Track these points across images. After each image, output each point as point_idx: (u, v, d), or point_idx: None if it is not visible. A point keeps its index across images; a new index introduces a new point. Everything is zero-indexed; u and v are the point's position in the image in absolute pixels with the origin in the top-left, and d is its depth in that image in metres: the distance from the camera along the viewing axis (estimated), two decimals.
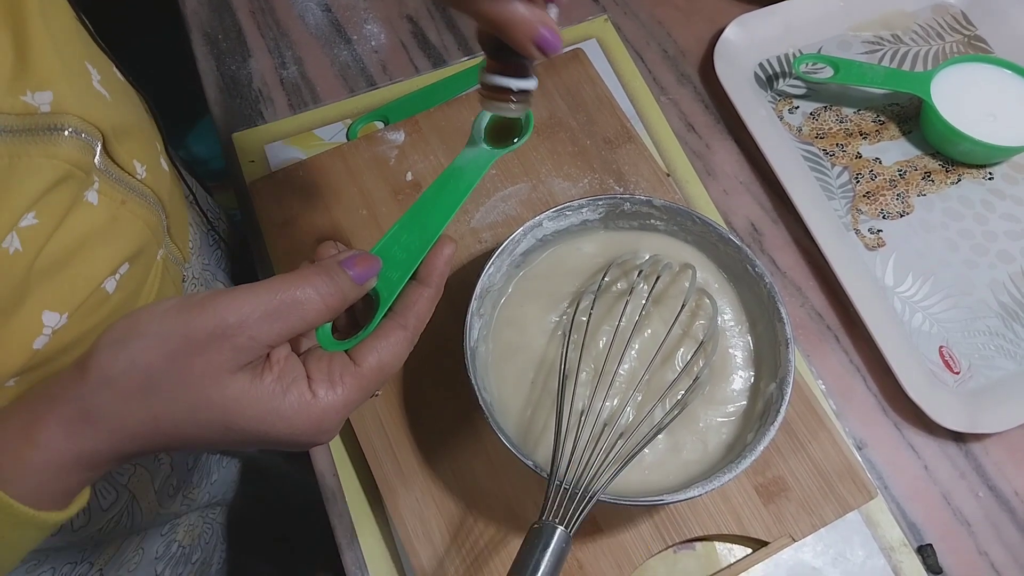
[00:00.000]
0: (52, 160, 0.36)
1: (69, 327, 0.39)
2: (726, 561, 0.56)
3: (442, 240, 0.41)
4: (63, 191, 0.38)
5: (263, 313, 0.33)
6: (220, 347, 0.33)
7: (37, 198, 0.36)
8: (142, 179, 0.46)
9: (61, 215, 0.38)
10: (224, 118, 0.74)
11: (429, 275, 0.40)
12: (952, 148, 0.70)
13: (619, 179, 0.68)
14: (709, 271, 0.58)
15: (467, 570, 0.55)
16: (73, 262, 0.39)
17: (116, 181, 0.43)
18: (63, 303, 0.39)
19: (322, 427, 0.36)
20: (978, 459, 0.60)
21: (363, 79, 0.75)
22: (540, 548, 0.41)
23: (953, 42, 0.77)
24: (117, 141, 0.43)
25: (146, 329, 0.33)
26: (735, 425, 0.54)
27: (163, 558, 0.64)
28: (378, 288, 0.39)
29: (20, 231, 0.35)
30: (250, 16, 0.79)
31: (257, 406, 0.34)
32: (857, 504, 0.57)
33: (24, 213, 0.35)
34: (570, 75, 0.72)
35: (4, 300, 0.35)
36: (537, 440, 0.53)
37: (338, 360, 0.37)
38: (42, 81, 0.36)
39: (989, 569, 0.57)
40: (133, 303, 0.46)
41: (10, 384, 0.38)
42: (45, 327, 0.38)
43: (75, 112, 0.38)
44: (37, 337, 0.37)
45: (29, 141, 0.35)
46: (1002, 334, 0.64)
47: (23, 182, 0.35)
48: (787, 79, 0.75)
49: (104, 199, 0.41)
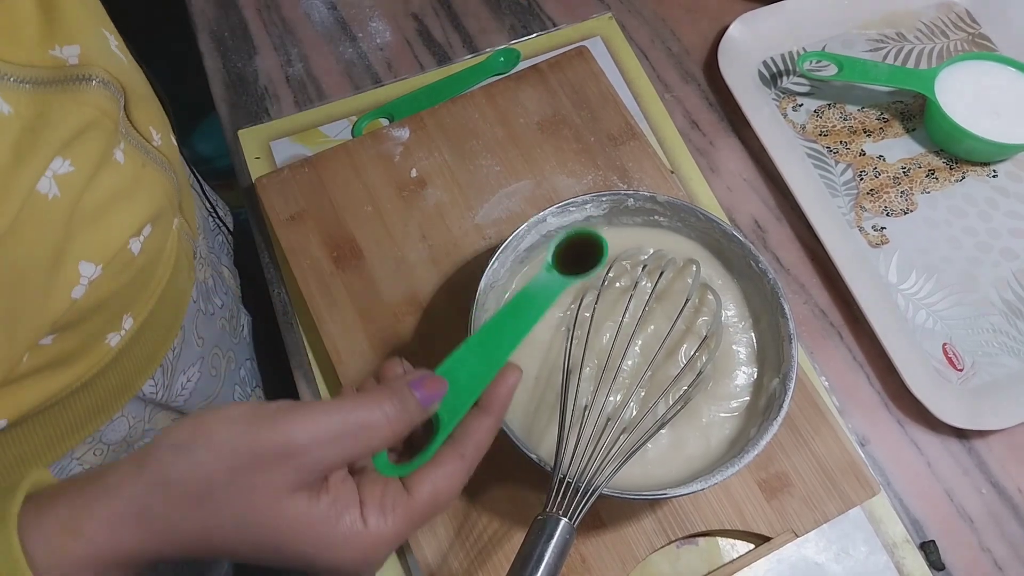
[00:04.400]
0: (82, 106, 0.38)
1: (102, 282, 0.40)
2: (729, 556, 0.57)
3: (509, 368, 0.40)
4: (93, 138, 0.39)
5: (333, 435, 0.33)
6: (285, 467, 0.32)
7: (69, 140, 0.37)
8: (158, 146, 0.47)
9: (94, 164, 0.39)
10: (230, 115, 0.74)
11: (492, 404, 0.39)
12: (956, 146, 0.70)
13: (623, 176, 0.68)
14: (712, 267, 0.58)
15: (471, 563, 0.55)
16: (105, 216, 0.40)
17: (136, 146, 0.45)
18: (98, 254, 0.40)
19: (368, 558, 0.35)
20: (981, 456, 0.60)
21: (368, 76, 0.76)
22: (544, 539, 0.41)
23: (957, 40, 0.77)
24: (134, 105, 0.44)
25: (212, 437, 0.33)
26: (738, 421, 0.54)
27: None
28: (440, 412, 0.38)
29: (58, 178, 0.36)
30: (256, 14, 0.79)
31: (310, 531, 0.33)
32: (860, 500, 0.57)
33: (56, 155, 0.36)
34: (574, 72, 0.72)
35: (49, 247, 0.37)
36: (541, 435, 0.53)
37: (392, 487, 0.36)
38: (69, 35, 0.38)
39: (992, 565, 0.57)
40: (154, 269, 0.47)
41: (47, 342, 0.39)
42: (82, 277, 0.39)
43: (101, 65, 0.40)
44: (75, 287, 0.39)
45: (59, 91, 0.37)
46: (1006, 331, 0.64)
47: (55, 126, 0.36)
48: (791, 77, 0.75)
49: (128, 159, 0.43)
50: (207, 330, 0.60)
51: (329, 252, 0.64)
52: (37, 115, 0.35)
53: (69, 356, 0.42)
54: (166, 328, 0.53)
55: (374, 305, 0.63)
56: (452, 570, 0.55)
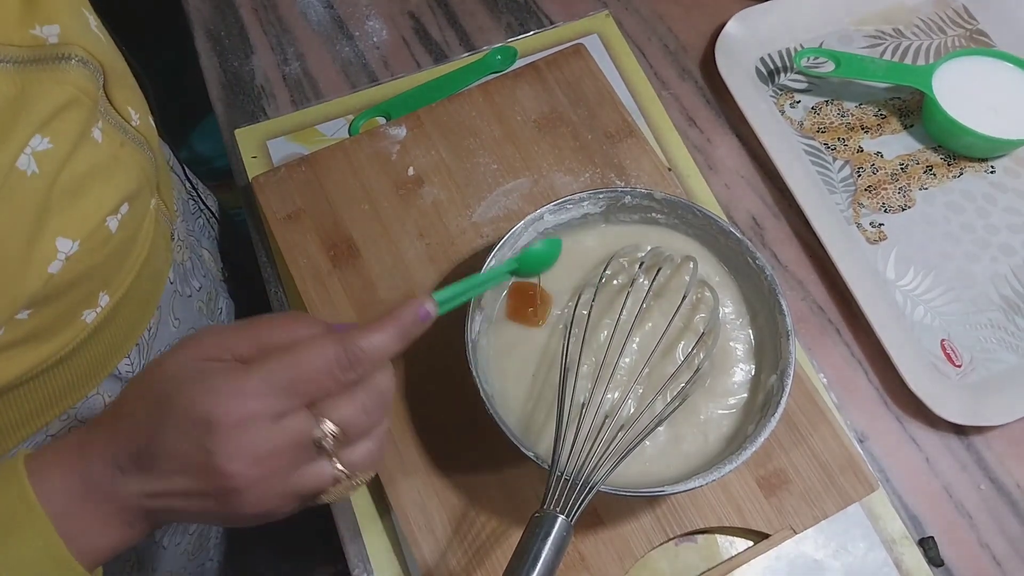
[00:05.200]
0: (61, 85, 0.39)
1: (78, 257, 0.41)
2: (727, 553, 0.56)
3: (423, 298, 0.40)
4: (72, 116, 0.40)
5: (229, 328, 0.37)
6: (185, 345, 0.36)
7: (48, 119, 0.38)
8: (136, 126, 0.48)
9: (72, 142, 0.40)
10: (227, 114, 0.74)
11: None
12: (954, 142, 0.70)
13: (620, 173, 0.68)
14: (710, 264, 0.58)
15: (469, 562, 0.55)
16: (82, 193, 0.41)
17: (114, 125, 0.45)
18: (75, 231, 0.41)
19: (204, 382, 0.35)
20: (980, 452, 0.60)
21: (365, 75, 0.75)
22: (541, 537, 0.41)
23: (955, 36, 0.77)
24: (113, 84, 0.45)
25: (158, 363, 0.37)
26: (736, 417, 0.54)
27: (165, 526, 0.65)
28: None
29: (36, 155, 0.37)
30: (252, 13, 0.79)
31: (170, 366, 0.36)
32: (859, 496, 0.57)
33: (35, 133, 0.37)
34: (571, 70, 0.72)
35: (27, 222, 0.38)
36: (539, 433, 0.53)
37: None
38: (49, 15, 0.39)
39: (990, 561, 0.57)
40: (131, 247, 0.48)
41: (23, 316, 0.40)
42: (59, 252, 0.40)
43: (80, 44, 0.41)
44: (52, 262, 0.40)
45: (40, 70, 0.38)
46: (1004, 327, 0.64)
47: (34, 104, 0.37)
48: (788, 73, 0.75)
49: (106, 138, 0.44)
50: (184, 311, 0.60)
51: (326, 251, 0.64)
52: (17, 93, 0.36)
53: (45, 331, 0.43)
54: (142, 307, 0.53)
55: (371, 303, 0.63)
56: (450, 568, 0.55)
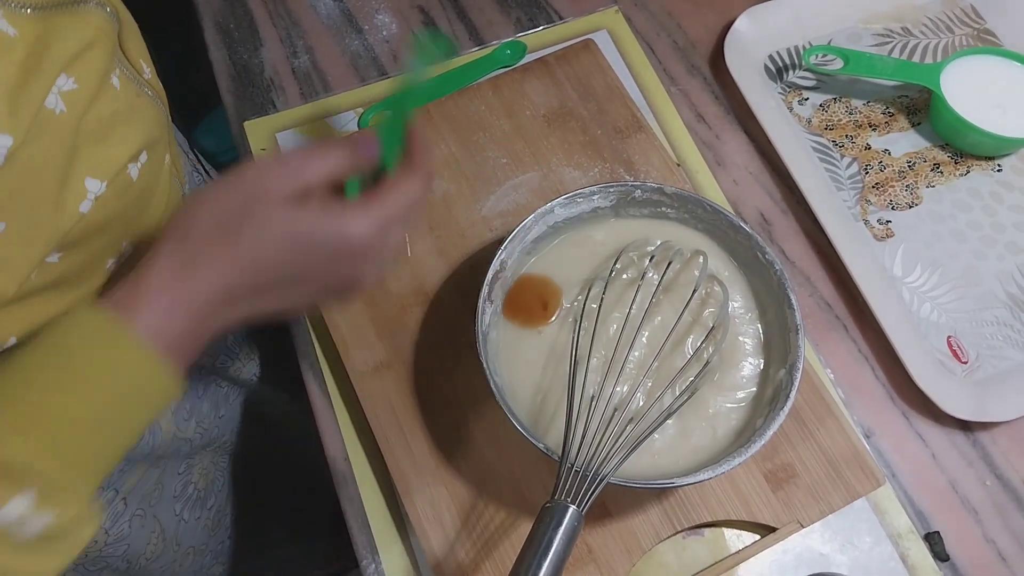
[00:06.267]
0: (83, 26, 0.41)
1: (105, 200, 0.43)
2: (734, 547, 0.57)
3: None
4: (94, 56, 0.41)
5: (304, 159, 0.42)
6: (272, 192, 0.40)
7: (72, 59, 0.39)
8: (148, 79, 0.50)
9: (95, 85, 0.41)
10: (236, 107, 0.74)
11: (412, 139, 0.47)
12: (961, 140, 0.71)
13: (629, 168, 0.68)
14: (719, 259, 0.58)
15: (478, 553, 0.55)
16: (107, 136, 0.43)
17: (129, 77, 0.47)
18: (102, 171, 0.42)
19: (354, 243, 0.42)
20: (985, 448, 0.60)
21: (374, 68, 0.76)
22: (553, 526, 0.42)
23: (962, 35, 0.77)
24: (126, 35, 0.47)
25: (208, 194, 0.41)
26: (744, 411, 0.54)
27: (181, 498, 0.67)
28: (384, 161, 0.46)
29: (63, 94, 0.39)
30: (261, 5, 0.79)
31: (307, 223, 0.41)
32: (865, 491, 0.57)
33: (61, 71, 0.39)
34: (581, 65, 0.72)
35: (59, 160, 0.39)
36: (547, 425, 0.54)
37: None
38: None
39: (996, 556, 0.57)
40: (150, 198, 0.50)
41: (54, 260, 0.42)
42: (89, 192, 0.42)
43: None
44: (83, 201, 0.41)
45: (60, 14, 0.39)
46: (1010, 324, 0.64)
47: (59, 44, 0.39)
48: (797, 71, 0.75)
49: (123, 86, 0.45)
50: None
51: None
52: (41, 35, 0.38)
53: (73, 276, 0.44)
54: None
55: (381, 296, 0.63)
56: (458, 559, 0.55)
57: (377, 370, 0.60)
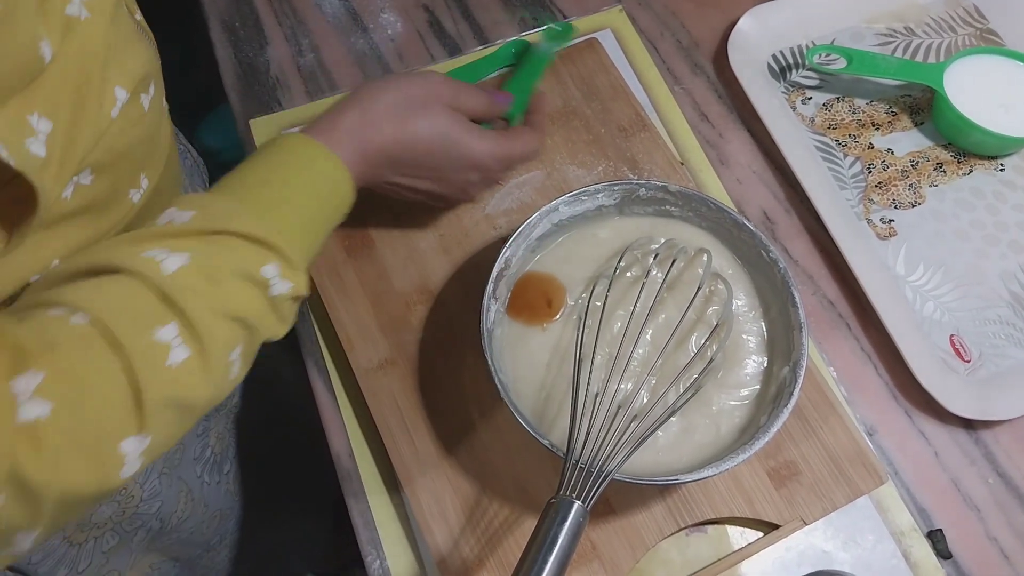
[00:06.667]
0: None
1: (127, 113, 0.45)
2: (738, 544, 0.57)
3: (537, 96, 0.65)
4: None
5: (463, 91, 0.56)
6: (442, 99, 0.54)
7: None
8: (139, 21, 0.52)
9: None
10: (241, 105, 0.74)
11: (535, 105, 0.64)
12: (964, 139, 0.71)
13: (633, 167, 0.68)
14: (723, 257, 0.59)
15: (482, 549, 0.55)
16: (125, 51, 0.46)
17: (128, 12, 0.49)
18: (126, 80, 0.45)
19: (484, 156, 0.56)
20: (988, 446, 0.61)
21: (379, 67, 0.76)
22: (558, 521, 0.42)
23: (965, 35, 0.77)
24: None
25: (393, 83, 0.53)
26: (748, 409, 0.55)
27: (200, 460, 0.70)
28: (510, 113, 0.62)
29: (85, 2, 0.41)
30: (267, 4, 0.79)
31: (460, 127, 0.54)
32: (868, 489, 0.57)
33: None
34: (585, 64, 0.72)
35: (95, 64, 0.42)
36: (552, 422, 0.54)
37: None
38: None
39: (998, 554, 0.57)
40: (157, 136, 0.53)
41: (87, 181, 0.44)
42: (118, 100, 0.44)
43: None
44: (114, 107, 0.44)
45: None
46: (1013, 323, 0.64)
47: None
48: (800, 70, 0.76)
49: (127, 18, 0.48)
50: None
51: (341, 240, 0.65)
52: None
53: (102, 203, 0.47)
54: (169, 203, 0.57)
55: (385, 293, 0.63)
56: (462, 555, 0.55)
57: (382, 367, 0.61)
